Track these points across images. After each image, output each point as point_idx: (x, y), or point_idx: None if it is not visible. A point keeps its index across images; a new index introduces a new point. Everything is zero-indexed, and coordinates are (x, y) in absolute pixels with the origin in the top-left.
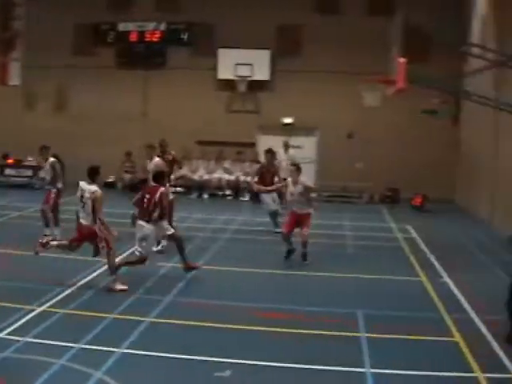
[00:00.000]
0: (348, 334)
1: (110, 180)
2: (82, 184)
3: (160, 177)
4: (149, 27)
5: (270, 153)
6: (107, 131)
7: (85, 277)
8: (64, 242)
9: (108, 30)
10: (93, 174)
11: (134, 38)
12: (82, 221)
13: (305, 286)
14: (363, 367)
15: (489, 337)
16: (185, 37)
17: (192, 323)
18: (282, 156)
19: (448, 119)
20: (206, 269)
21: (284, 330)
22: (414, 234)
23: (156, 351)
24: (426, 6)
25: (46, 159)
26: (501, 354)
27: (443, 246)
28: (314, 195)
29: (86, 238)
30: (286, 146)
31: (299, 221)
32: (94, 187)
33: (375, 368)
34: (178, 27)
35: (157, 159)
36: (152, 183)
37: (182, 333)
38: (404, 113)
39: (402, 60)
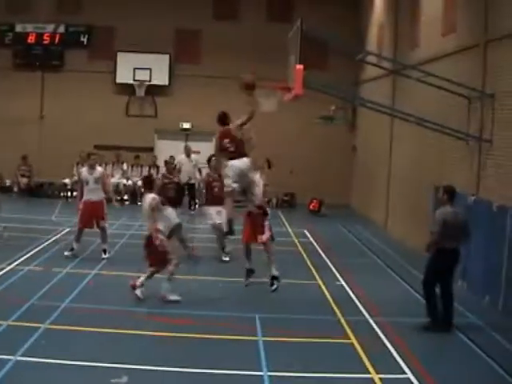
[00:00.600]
0: (246, 337)
1: (6, 184)
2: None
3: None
4: (47, 29)
5: (215, 159)
6: (3, 134)
7: None
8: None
9: (6, 30)
10: (148, 184)
11: (32, 39)
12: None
13: (203, 290)
14: (261, 370)
15: (383, 338)
16: (84, 39)
17: (88, 329)
18: (183, 161)
19: (344, 126)
20: (103, 274)
21: (183, 334)
22: (310, 238)
23: (52, 358)
24: (324, 13)
25: None
26: (395, 354)
27: (339, 249)
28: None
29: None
30: (188, 151)
31: (253, 223)
32: (151, 195)
33: (272, 371)
34: (78, 29)
35: (99, 168)
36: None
37: (77, 339)
38: (301, 119)
39: (298, 67)
